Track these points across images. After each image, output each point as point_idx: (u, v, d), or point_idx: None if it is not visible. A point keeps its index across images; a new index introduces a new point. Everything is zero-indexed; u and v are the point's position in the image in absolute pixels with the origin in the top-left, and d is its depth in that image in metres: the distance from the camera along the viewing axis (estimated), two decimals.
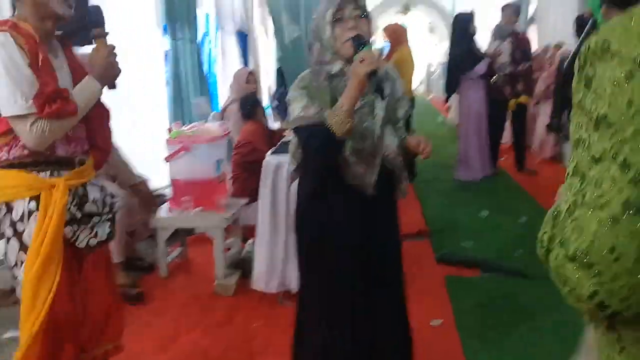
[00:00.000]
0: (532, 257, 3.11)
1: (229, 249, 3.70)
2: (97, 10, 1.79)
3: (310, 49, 1.97)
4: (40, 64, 1.62)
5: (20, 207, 1.71)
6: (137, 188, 2.25)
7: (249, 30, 6.43)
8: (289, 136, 3.64)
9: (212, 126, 3.57)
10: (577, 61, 0.72)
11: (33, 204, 1.70)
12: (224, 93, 5.59)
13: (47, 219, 1.67)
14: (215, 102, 5.46)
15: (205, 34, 5.96)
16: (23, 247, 1.71)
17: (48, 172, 1.72)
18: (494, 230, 4.33)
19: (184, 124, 4.61)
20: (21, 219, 1.71)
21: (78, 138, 1.82)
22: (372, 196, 1.92)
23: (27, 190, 1.69)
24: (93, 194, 1.84)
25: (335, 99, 1.81)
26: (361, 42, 1.79)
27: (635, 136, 0.64)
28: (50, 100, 1.59)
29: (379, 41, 8.20)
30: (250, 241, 4.02)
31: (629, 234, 0.63)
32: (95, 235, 1.81)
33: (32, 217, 1.70)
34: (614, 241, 0.63)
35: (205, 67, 5.33)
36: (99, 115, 1.87)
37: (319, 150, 1.84)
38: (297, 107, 1.85)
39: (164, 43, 4.80)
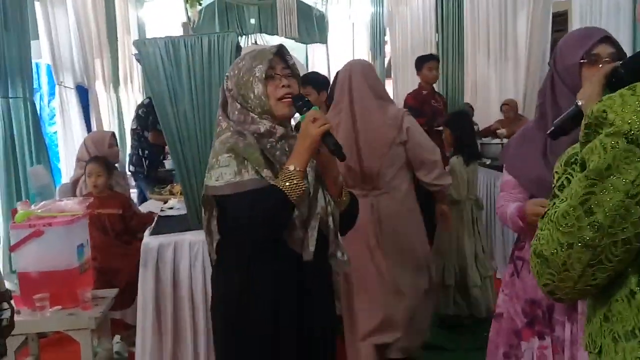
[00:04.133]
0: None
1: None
2: None
3: (224, 112, 1.95)
4: None
5: None
6: None
7: (89, 85, 6.10)
8: (169, 211, 3.42)
9: (69, 203, 3.22)
10: (583, 120, 1.01)
11: None
12: (66, 159, 5.18)
13: None
14: (56, 171, 5.02)
15: (37, 89, 5.53)
16: None
17: None
18: None
19: (19, 199, 4.17)
20: None
21: None
22: (311, 266, 1.87)
23: None
24: None
25: (267, 160, 1.84)
26: (303, 101, 1.86)
27: (603, 192, 0.91)
28: None
29: None
30: (117, 338, 3.67)
31: (577, 259, 0.95)
32: None
33: None
34: (566, 260, 0.96)
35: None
36: None
37: (272, 217, 1.79)
38: (227, 173, 1.78)
39: None
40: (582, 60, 1.93)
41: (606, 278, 0.96)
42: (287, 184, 1.75)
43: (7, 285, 4.00)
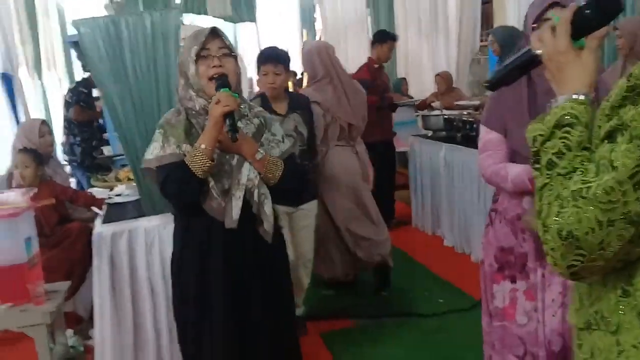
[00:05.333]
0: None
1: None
2: None
3: (176, 86, 2.15)
4: None
5: None
6: None
7: (14, 72, 5.80)
8: (117, 198, 3.32)
9: (11, 195, 3.07)
10: (627, 79, 0.90)
11: None
12: None
13: None
14: None
15: None
16: None
17: None
18: None
19: None
20: None
21: None
22: (242, 232, 2.05)
23: None
24: None
25: (198, 135, 2.01)
26: (222, 82, 2.00)
27: None
28: None
29: None
30: (69, 332, 3.55)
31: (618, 236, 0.87)
32: None
33: None
34: (604, 238, 0.87)
35: None
36: None
37: (178, 190, 2.02)
38: (155, 147, 2.06)
39: None
40: (533, 25, 1.99)
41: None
42: (191, 159, 1.96)
43: None
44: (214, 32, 2.06)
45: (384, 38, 5.52)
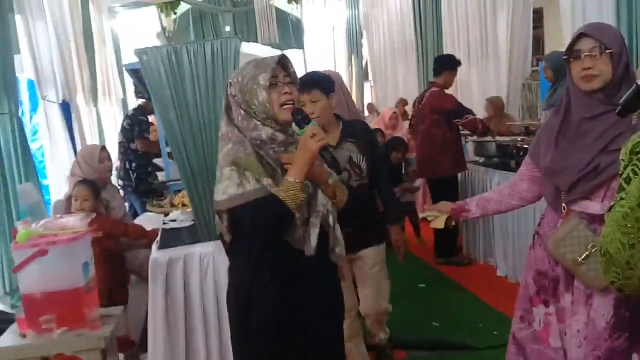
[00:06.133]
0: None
1: None
2: None
3: (229, 116, 2.05)
4: None
5: None
6: None
7: (71, 99, 5.96)
8: (172, 223, 3.34)
9: (70, 220, 3.13)
10: None
11: None
12: (54, 175, 5.05)
13: None
14: (44, 187, 4.89)
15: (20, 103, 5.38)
16: None
17: None
18: None
19: (9, 218, 4.06)
20: None
21: None
22: (314, 261, 1.99)
23: None
24: None
25: (269, 166, 1.97)
26: (303, 115, 1.99)
27: None
28: None
29: None
30: (120, 357, 3.57)
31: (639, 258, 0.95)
32: None
33: None
34: (629, 259, 0.98)
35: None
36: None
37: (272, 224, 1.92)
38: (231, 185, 1.92)
39: None
40: (564, 57, 2.08)
41: None
42: (286, 194, 1.89)
43: (1, 307, 3.92)
44: (281, 61, 2.04)
45: (453, 65, 5.48)
